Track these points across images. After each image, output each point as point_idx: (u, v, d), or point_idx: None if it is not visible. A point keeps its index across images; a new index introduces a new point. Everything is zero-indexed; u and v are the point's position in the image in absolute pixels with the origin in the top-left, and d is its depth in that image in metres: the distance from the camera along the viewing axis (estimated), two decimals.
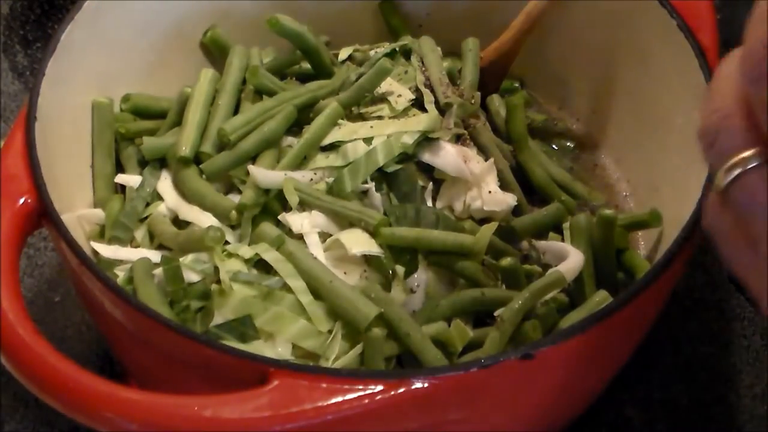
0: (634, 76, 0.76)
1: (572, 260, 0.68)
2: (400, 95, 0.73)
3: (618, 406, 0.73)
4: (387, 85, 0.74)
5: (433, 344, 0.63)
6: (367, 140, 0.70)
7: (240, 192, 0.69)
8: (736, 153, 0.43)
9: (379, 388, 0.54)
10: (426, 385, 0.55)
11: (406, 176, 0.70)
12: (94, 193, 0.72)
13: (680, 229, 0.62)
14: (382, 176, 0.69)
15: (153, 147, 0.72)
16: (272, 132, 0.71)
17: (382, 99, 0.73)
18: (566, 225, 0.72)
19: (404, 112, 0.73)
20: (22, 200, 0.62)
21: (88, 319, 0.76)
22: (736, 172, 0.43)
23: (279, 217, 0.68)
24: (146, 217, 0.70)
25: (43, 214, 0.62)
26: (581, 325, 0.58)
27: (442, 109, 0.73)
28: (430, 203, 0.70)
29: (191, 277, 0.65)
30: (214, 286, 0.64)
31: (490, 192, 0.70)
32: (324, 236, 0.67)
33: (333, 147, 0.70)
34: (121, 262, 0.67)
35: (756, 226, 0.43)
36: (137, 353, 0.63)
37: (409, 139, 0.70)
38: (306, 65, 0.78)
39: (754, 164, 0.43)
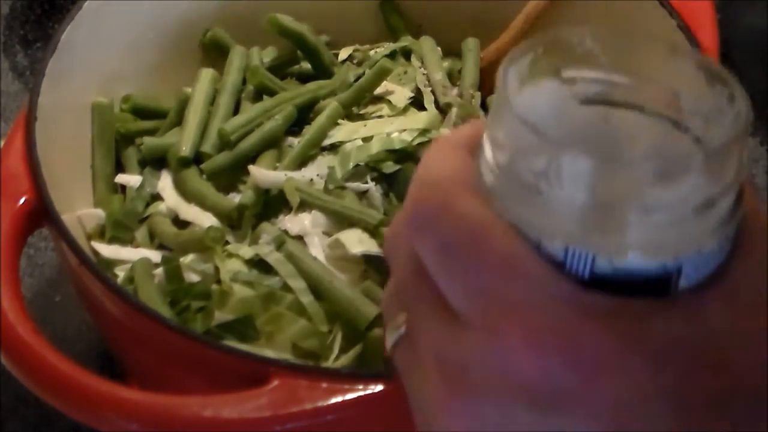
0: None
1: None
2: (399, 95, 0.74)
3: None
4: (386, 85, 0.74)
5: None
6: (367, 139, 0.70)
7: (240, 192, 0.69)
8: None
9: (379, 388, 0.54)
10: None
11: (406, 176, 0.70)
12: (94, 193, 0.72)
13: None
14: (382, 176, 0.69)
15: (153, 147, 0.72)
16: (272, 132, 0.71)
17: (382, 99, 0.74)
18: None
19: (404, 112, 0.73)
20: (22, 200, 0.62)
21: (88, 319, 0.76)
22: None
23: (278, 222, 0.68)
24: (146, 217, 0.70)
25: (43, 214, 0.62)
26: None
27: (442, 109, 0.73)
28: None
29: (191, 277, 0.65)
30: (214, 286, 0.64)
31: None
32: (324, 236, 0.67)
33: (333, 147, 0.71)
34: (121, 262, 0.67)
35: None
36: (137, 353, 0.63)
37: (408, 137, 0.70)
38: (306, 65, 0.78)
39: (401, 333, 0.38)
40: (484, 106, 0.79)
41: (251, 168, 0.69)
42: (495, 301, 0.34)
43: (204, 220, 0.68)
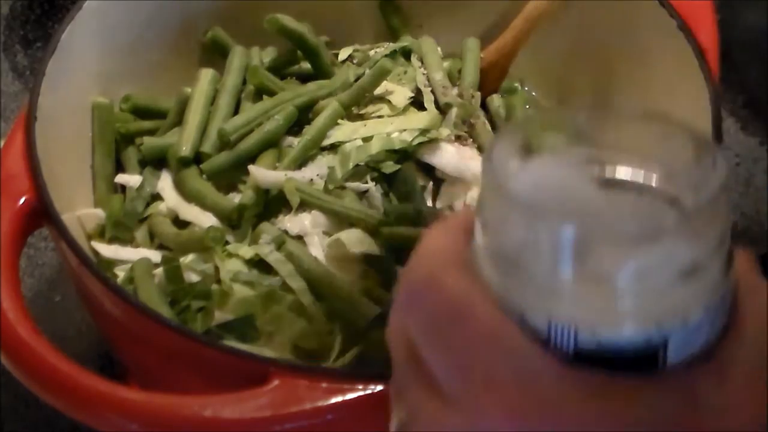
0: (634, 76, 0.76)
1: None
2: (399, 95, 0.74)
3: None
4: (386, 85, 0.74)
5: None
6: (367, 139, 0.70)
7: (240, 192, 0.69)
8: None
9: (379, 388, 0.54)
10: None
11: (406, 176, 0.70)
12: (94, 193, 0.72)
13: None
14: (382, 176, 0.69)
15: (153, 147, 0.72)
16: (272, 132, 0.71)
17: (382, 99, 0.74)
18: None
19: (404, 112, 0.73)
20: (22, 200, 0.62)
21: (88, 319, 0.76)
22: None
23: (278, 223, 0.68)
24: (146, 217, 0.70)
25: (43, 214, 0.62)
26: None
27: (442, 109, 0.73)
28: (430, 203, 0.70)
29: (191, 277, 0.65)
30: (214, 286, 0.64)
31: None
32: (324, 236, 0.67)
33: (333, 147, 0.71)
34: (121, 262, 0.67)
35: None
36: (137, 353, 0.63)
37: (408, 137, 0.70)
38: (306, 65, 0.78)
39: None
40: (485, 106, 0.79)
41: (251, 168, 0.69)
42: (478, 377, 0.34)
43: (204, 220, 0.68)
